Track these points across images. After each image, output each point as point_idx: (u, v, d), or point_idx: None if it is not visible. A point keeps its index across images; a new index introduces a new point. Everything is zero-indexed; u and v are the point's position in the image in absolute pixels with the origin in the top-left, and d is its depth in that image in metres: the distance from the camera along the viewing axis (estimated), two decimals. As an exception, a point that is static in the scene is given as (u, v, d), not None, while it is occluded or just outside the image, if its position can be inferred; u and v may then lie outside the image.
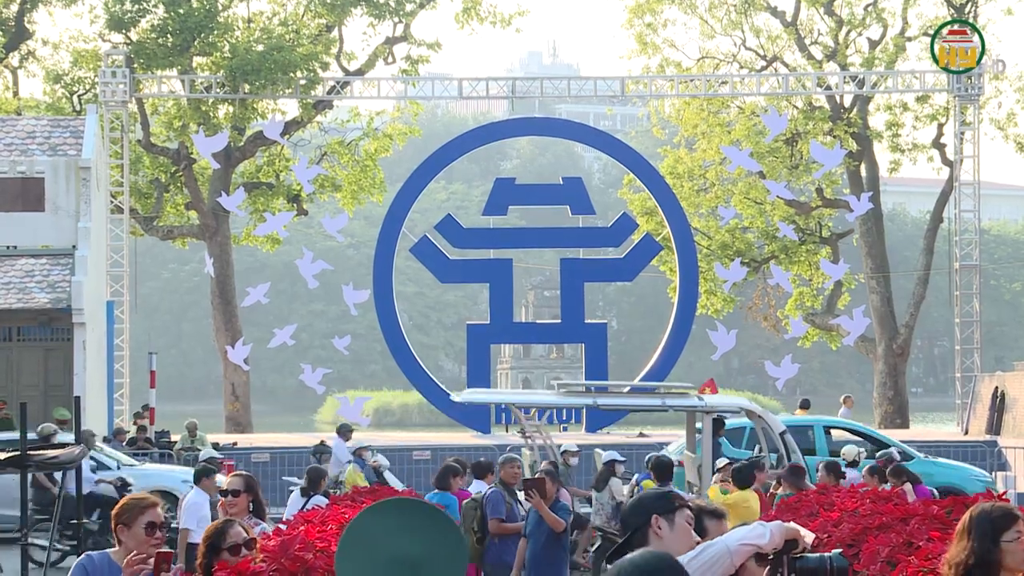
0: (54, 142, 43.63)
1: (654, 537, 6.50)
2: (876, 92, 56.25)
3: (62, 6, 55.27)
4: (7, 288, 40.58)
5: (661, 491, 6.75)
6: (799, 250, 56.31)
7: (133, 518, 8.92)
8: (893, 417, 55.15)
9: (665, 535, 6.51)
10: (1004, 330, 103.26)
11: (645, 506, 6.60)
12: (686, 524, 6.59)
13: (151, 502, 9.03)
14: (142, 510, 8.94)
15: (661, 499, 6.65)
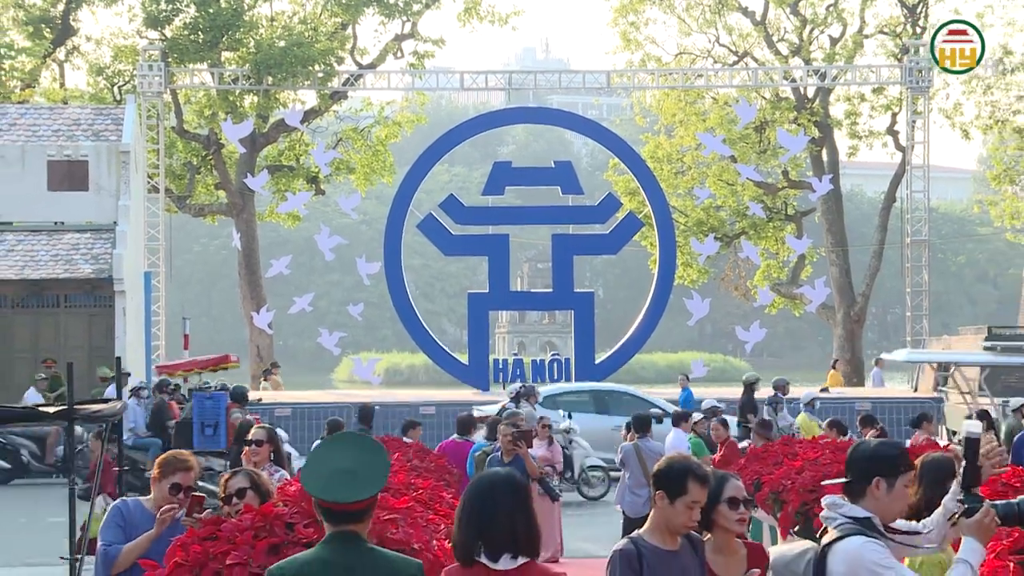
0: (97, 129, 43.60)
1: (871, 495, 6.33)
2: (836, 84, 56.22)
3: (104, 5, 55.18)
4: (55, 260, 40.57)
5: (891, 451, 6.43)
6: (767, 227, 56.33)
7: (165, 475, 8.89)
8: (850, 377, 55.17)
9: (882, 498, 6.35)
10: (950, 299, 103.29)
11: (873, 465, 6.38)
12: (904, 488, 6.40)
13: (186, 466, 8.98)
14: (173, 470, 8.90)
15: (890, 461, 6.40)
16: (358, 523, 6.21)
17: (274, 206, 54.13)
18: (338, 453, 6.20)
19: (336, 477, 6.09)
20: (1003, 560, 9.44)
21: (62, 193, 41.78)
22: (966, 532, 6.23)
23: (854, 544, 6.08)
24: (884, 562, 6.06)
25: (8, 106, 46.83)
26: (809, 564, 6.15)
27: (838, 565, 6.05)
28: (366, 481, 6.11)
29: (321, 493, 6.11)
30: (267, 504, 8.63)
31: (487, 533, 6.67)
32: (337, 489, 6.07)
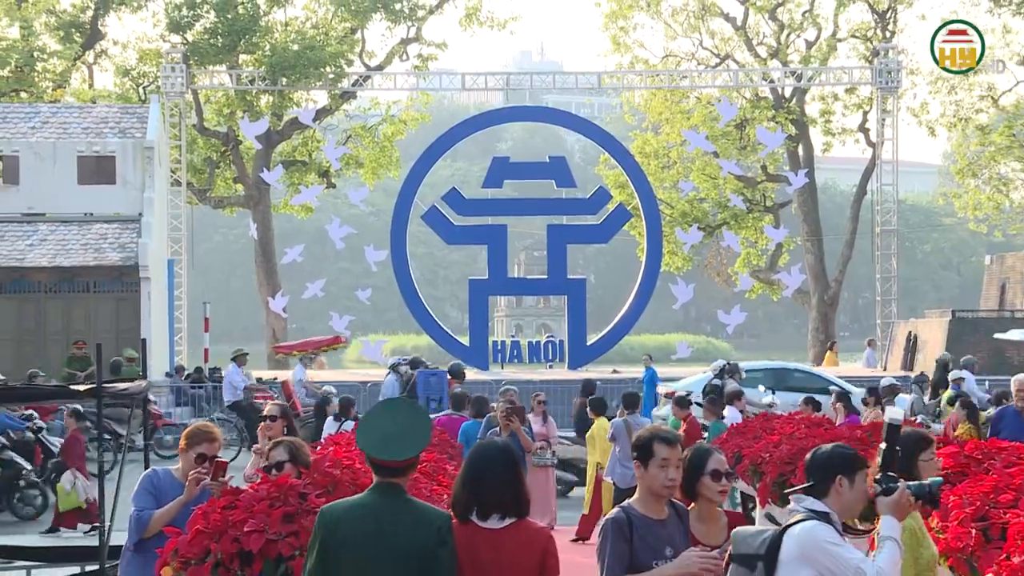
0: (123, 126, 43.57)
1: (835, 493, 6.34)
2: (811, 85, 56.26)
3: (129, 11, 55.14)
4: (85, 248, 40.57)
5: (848, 451, 6.47)
6: (747, 218, 56.36)
7: (191, 445, 8.91)
8: (823, 356, 55.23)
9: (845, 493, 6.36)
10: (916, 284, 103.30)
11: (832, 464, 6.40)
12: (863, 484, 6.41)
13: (210, 437, 8.99)
14: (199, 441, 8.92)
15: (848, 460, 6.42)
16: (400, 476, 6.76)
17: (288, 198, 54.12)
18: (388, 417, 6.83)
19: (383, 438, 6.70)
20: (966, 527, 9.47)
21: (91, 187, 41.76)
22: (884, 510, 6.32)
23: (807, 526, 6.16)
24: (834, 539, 6.14)
25: (41, 106, 46.81)
26: (765, 541, 6.16)
27: (791, 543, 6.11)
28: (408, 443, 6.71)
29: (369, 451, 6.73)
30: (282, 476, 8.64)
31: (479, 496, 6.97)
32: (383, 448, 6.69)
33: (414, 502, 6.84)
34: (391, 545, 6.63)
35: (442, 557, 6.68)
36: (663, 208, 50.76)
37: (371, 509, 6.70)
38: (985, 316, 47.04)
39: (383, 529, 6.63)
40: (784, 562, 6.08)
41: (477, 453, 7.23)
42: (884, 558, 6.15)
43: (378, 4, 53.98)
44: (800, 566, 6.06)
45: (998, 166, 61.12)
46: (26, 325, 40.06)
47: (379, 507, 6.69)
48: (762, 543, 6.15)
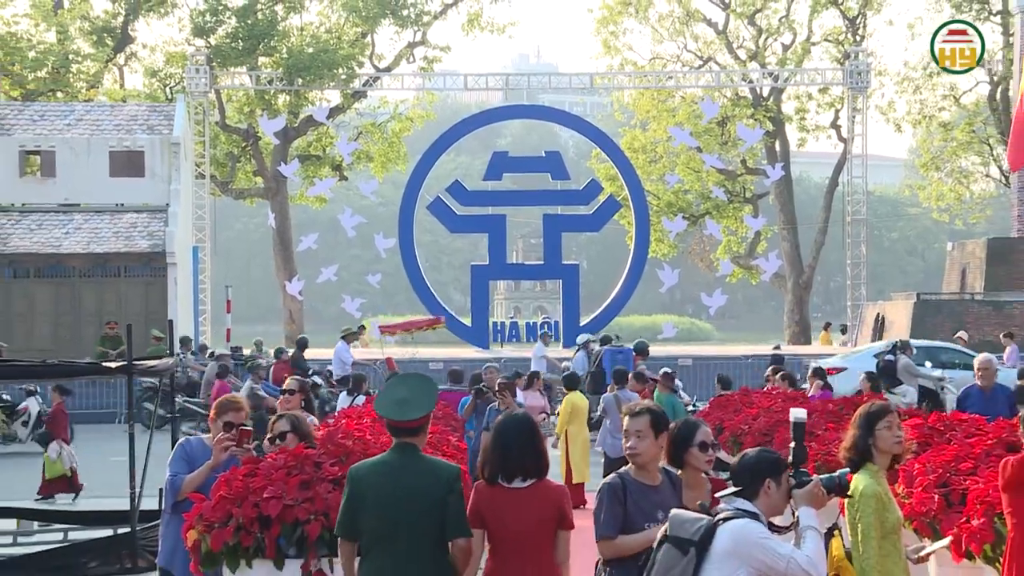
0: (152, 123, 43.53)
1: (763, 495, 6.30)
2: (787, 85, 56.23)
3: (157, 17, 55.10)
4: (117, 236, 40.58)
5: (773, 456, 6.46)
6: (728, 208, 56.34)
7: (219, 415, 8.93)
8: (799, 336, 55.30)
9: (772, 494, 6.33)
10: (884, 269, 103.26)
11: (761, 469, 6.35)
12: (787, 485, 6.39)
13: (236, 406, 9.02)
14: (226, 411, 8.94)
15: (776, 463, 6.40)
16: (414, 436, 7.22)
17: (304, 190, 54.12)
18: (401, 386, 7.36)
19: (396, 403, 7.21)
20: (929, 493, 9.49)
21: (122, 179, 41.76)
22: (800, 502, 6.33)
23: (741, 523, 6.13)
24: (765, 534, 6.13)
25: (75, 105, 46.77)
26: (700, 530, 6.14)
27: (724, 538, 6.07)
28: (416, 406, 7.20)
29: (384, 413, 7.26)
30: (298, 446, 8.65)
31: (505, 462, 7.33)
32: (395, 411, 7.19)
33: (426, 458, 7.32)
34: (407, 495, 7.06)
35: (450, 503, 7.08)
36: (650, 199, 50.74)
37: (390, 465, 7.16)
38: (947, 299, 47.06)
39: (400, 482, 7.08)
40: (716, 553, 6.05)
41: (503, 424, 7.55)
42: (810, 545, 6.16)
43: (387, 10, 53.93)
44: (731, 560, 6.04)
45: (959, 160, 61.18)
46: (62, 307, 40.09)
47: (397, 463, 7.15)
48: (697, 531, 6.12)
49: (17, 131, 42.29)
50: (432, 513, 7.05)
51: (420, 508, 7.05)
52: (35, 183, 41.73)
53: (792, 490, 6.37)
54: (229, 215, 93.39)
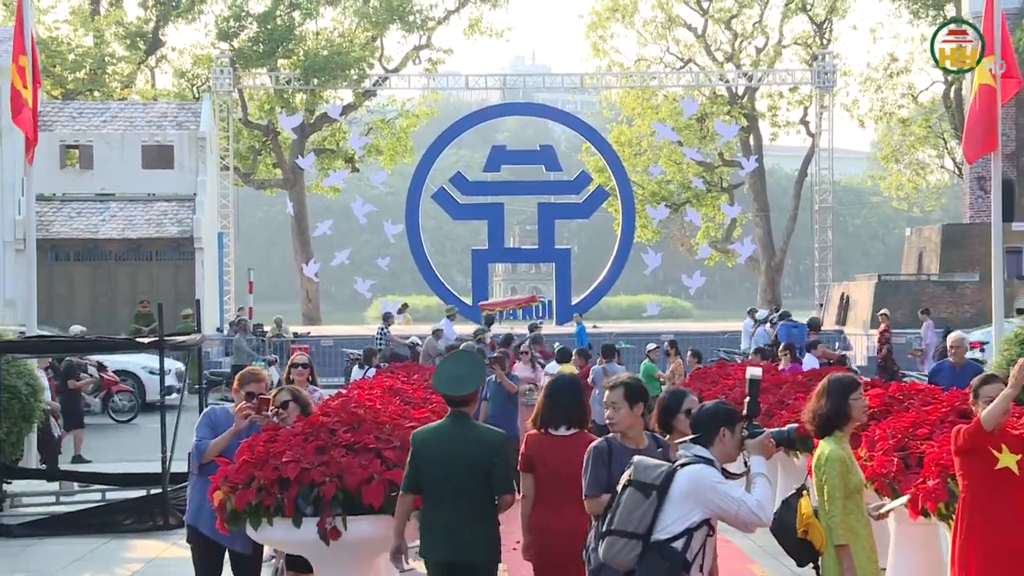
0: (180, 120, 43.48)
1: (719, 443, 6.34)
2: (760, 84, 56.19)
3: (185, 23, 55.01)
4: (148, 223, 40.57)
5: (728, 407, 6.51)
6: (706, 197, 56.31)
7: (241, 386, 8.93)
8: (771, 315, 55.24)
9: (727, 442, 6.36)
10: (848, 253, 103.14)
11: (717, 419, 6.39)
12: (740, 434, 6.43)
13: (257, 378, 9.02)
14: (248, 382, 8.95)
15: (730, 414, 6.44)
16: (465, 407, 7.67)
17: (319, 181, 54.12)
18: (453, 364, 7.80)
19: (450, 379, 7.65)
20: (889, 456, 9.50)
21: (153, 171, 41.74)
22: (752, 451, 6.37)
23: (697, 468, 6.15)
24: (719, 479, 6.15)
25: (111, 103, 46.75)
26: (661, 475, 6.17)
27: (682, 481, 6.11)
28: (465, 382, 7.63)
29: (440, 388, 7.72)
30: (314, 415, 8.67)
31: (552, 412, 7.80)
32: (449, 386, 7.63)
33: (476, 425, 7.80)
34: (460, 456, 7.46)
35: (496, 464, 7.45)
36: (635, 189, 50.71)
37: (445, 431, 7.59)
38: (905, 280, 47.16)
39: (454, 445, 7.48)
40: (674, 496, 6.08)
41: (555, 382, 8.07)
42: (759, 490, 6.19)
43: (395, 16, 53.91)
44: (688, 501, 6.07)
45: (917, 153, 61.26)
46: (99, 288, 40.12)
47: (451, 429, 7.57)
48: (658, 476, 6.15)
49: (58, 127, 42.26)
50: (480, 472, 7.43)
51: (470, 467, 7.42)
52: (74, 175, 41.72)
53: (745, 440, 6.40)
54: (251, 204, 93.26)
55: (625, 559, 6.13)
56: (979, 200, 47.48)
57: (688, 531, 6.06)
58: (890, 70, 59.41)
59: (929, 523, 9.01)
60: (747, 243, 48.75)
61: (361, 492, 7.67)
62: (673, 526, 6.07)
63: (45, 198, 40.22)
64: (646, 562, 6.07)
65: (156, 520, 14.30)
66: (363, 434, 8.07)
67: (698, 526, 6.08)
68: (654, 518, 6.09)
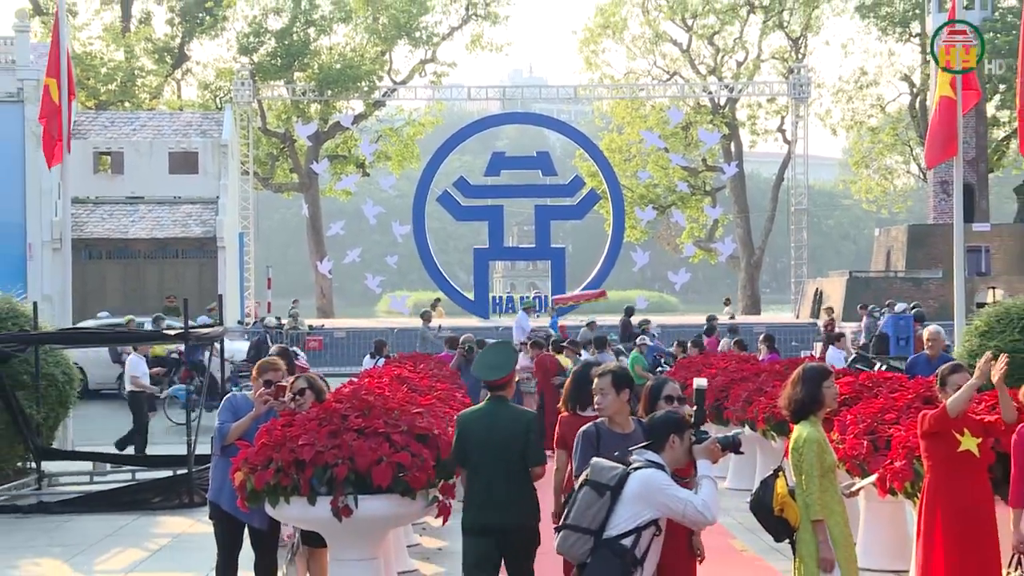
0: (204, 128, 43.49)
1: (669, 449, 6.37)
2: (741, 95, 56.19)
3: (209, 39, 55.01)
4: (175, 223, 40.57)
5: (678, 416, 6.57)
6: (691, 199, 56.36)
7: (260, 374, 8.93)
8: (750, 308, 55.34)
9: (676, 448, 6.39)
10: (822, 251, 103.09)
11: (667, 427, 6.43)
12: (689, 441, 6.46)
13: (274, 367, 9.02)
14: (266, 371, 8.95)
15: (678, 423, 6.48)
16: (502, 390, 7.92)
17: (332, 184, 54.10)
18: (491, 354, 8.12)
19: (488, 366, 7.96)
20: (859, 439, 9.51)
21: (179, 176, 41.74)
22: (700, 456, 6.39)
23: (648, 472, 6.17)
24: (668, 482, 6.17)
25: (140, 113, 46.76)
26: (615, 476, 6.18)
27: (635, 483, 6.12)
28: (500, 369, 7.92)
29: (481, 375, 7.99)
30: (328, 402, 8.67)
31: (579, 394, 8.21)
32: (488, 373, 7.91)
33: (512, 406, 8.04)
34: (499, 433, 7.73)
35: (530, 440, 7.72)
36: (625, 192, 50.72)
37: (486, 412, 7.87)
38: (874, 276, 47.18)
39: (493, 424, 7.78)
40: (627, 496, 6.10)
41: (580, 370, 8.46)
42: (706, 492, 6.21)
43: (402, 32, 53.91)
44: (639, 502, 6.09)
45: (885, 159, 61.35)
46: (129, 284, 40.13)
47: (490, 411, 7.86)
48: (613, 477, 6.17)
49: (91, 135, 42.25)
50: (516, 446, 7.69)
51: (508, 443, 7.69)
52: (106, 179, 41.71)
53: (693, 446, 6.43)
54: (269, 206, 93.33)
55: (578, 552, 6.14)
56: (942, 203, 47.47)
57: (637, 529, 6.08)
58: (860, 82, 59.48)
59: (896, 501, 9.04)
60: (728, 242, 48.80)
61: (371, 473, 7.68)
62: (624, 524, 6.08)
63: (79, 201, 40.23)
64: (597, 556, 6.09)
65: (182, 498, 14.33)
66: (373, 419, 8.07)
67: (647, 525, 6.10)
68: (607, 516, 6.11)
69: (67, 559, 11.72)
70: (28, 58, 38.49)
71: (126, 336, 20.29)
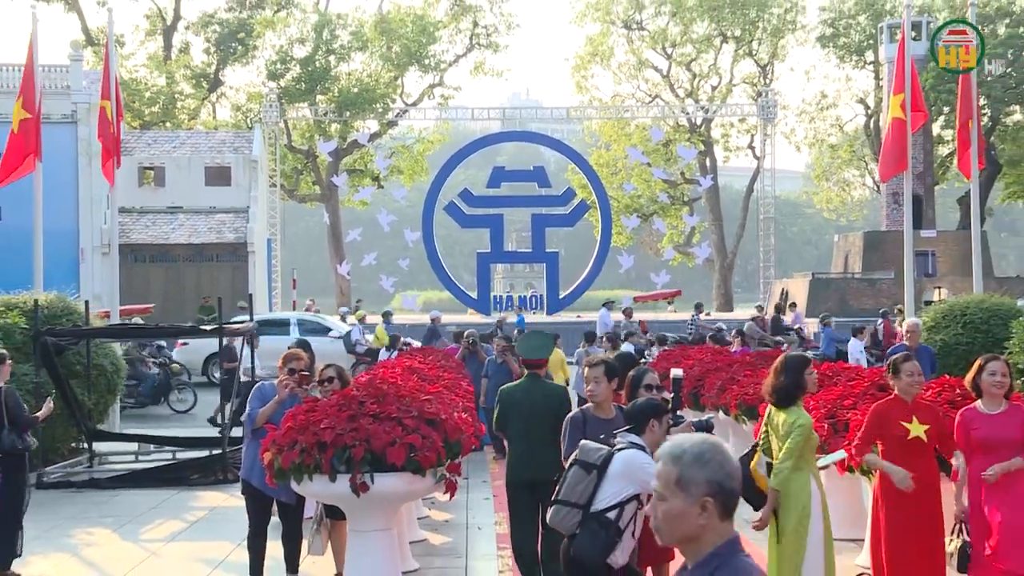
0: (236, 146, 43.49)
1: (649, 432, 6.38)
2: (715, 116, 56.18)
3: (240, 66, 55.10)
4: (210, 230, 40.56)
5: (657, 403, 6.55)
6: (670, 208, 56.41)
7: (285, 364, 8.95)
8: (724, 306, 55.38)
9: (656, 431, 6.40)
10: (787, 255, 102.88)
11: (647, 412, 6.44)
12: (667, 425, 6.49)
13: (298, 357, 9.04)
14: (289, 360, 8.97)
15: (658, 408, 6.49)
16: (539, 369, 8.59)
17: (350, 195, 54.11)
18: (532, 339, 8.71)
19: (530, 348, 8.56)
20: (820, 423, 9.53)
21: (214, 188, 41.76)
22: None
23: (630, 452, 6.18)
24: (649, 461, 6.15)
25: (180, 131, 46.75)
26: (601, 456, 6.21)
27: (618, 463, 6.13)
28: (542, 351, 8.57)
29: (524, 355, 8.60)
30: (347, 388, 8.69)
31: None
32: (531, 353, 8.53)
33: (546, 382, 8.72)
34: (535, 405, 8.29)
35: (562, 413, 7.84)
36: (612, 202, 50.73)
37: (524, 387, 8.49)
38: (834, 277, 47.18)
39: (531, 397, 8.36)
40: (611, 474, 6.12)
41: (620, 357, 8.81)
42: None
43: (413, 60, 53.92)
44: (622, 479, 6.10)
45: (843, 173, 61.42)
46: (170, 285, 40.13)
47: (528, 386, 8.46)
48: (599, 457, 6.19)
49: (136, 152, 42.26)
50: (549, 417, 8.10)
51: (541, 412, 8.17)
52: (149, 191, 41.72)
53: (670, 429, 6.45)
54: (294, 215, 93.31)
55: (568, 524, 6.15)
56: (894, 212, 47.49)
57: (621, 504, 6.08)
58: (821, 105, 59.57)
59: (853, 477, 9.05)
60: (704, 247, 48.74)
61: (386, 453, 7.69)
62: (609, 499, 6.09)
63: (125, 210, 40.25)
64: (585, 528, 6.10)
65: (217, 475, 14.35)
66: (387, 405, 8.08)
67: (629, 500, 6.11)
68: (593, 492, 6.12)
69: (116, 528, 11.75)
70: (81, 84, 38.51)
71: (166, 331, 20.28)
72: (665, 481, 3.04)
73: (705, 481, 3.01)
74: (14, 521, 9.51)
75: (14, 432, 9.54)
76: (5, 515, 9.48)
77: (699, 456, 3.05)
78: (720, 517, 3.02)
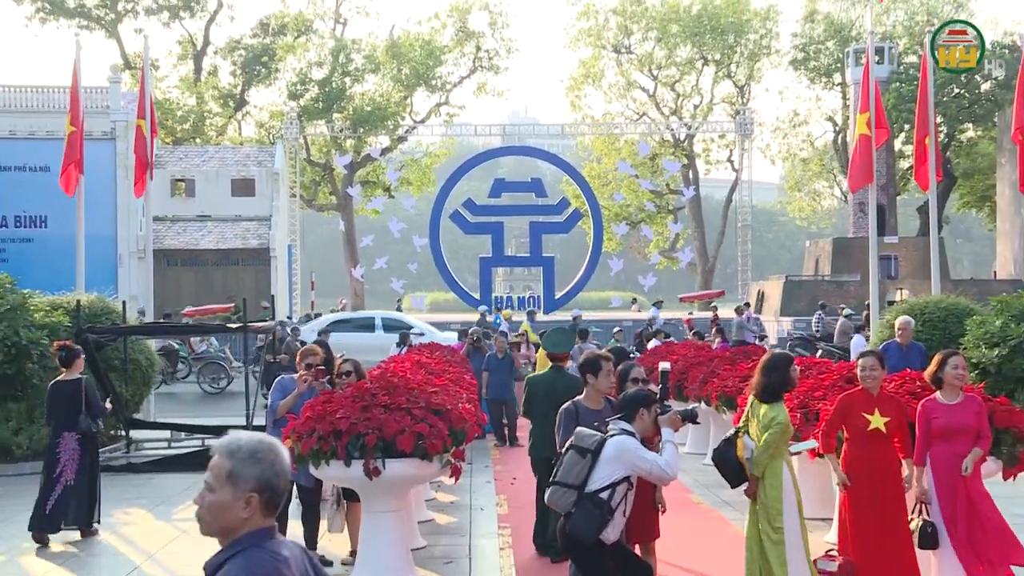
0: (260, 160, 43.48)
1: (639, 420, 6.38)
2: (697, 132, 56.20)
3: (264, 87, 55.12)
4: (236, 237, 40.55)
5: (646, 393, 6.52)
6: (656, 217, 56.42)
7: (302, 359, 8.96)
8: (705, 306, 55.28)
9: (645, 419, 6.41)
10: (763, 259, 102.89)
11: (637, 402, 6.43)
12: (654, 415, 6.46)
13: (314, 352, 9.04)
14: (305, 355, 8.97)
15: (647, 398, 6.47)
16: (562, 362, 8.97)
17: (364, 205, 54.09)
18: (556, 335, 9.04)
19: (554, 342, 8.93)
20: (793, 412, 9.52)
21: (240, 198, 41.75)
22: (663, 425, 6.42)
23: (621, 438, 6.20)
24: (638, 446, 6.19)
25: (209, 147, 46.76)
26: (595, 442, 6.22)
27: (611, 448, 6.15)
28: (564, 345, 8.93)
29: (549, 349, 8.91)
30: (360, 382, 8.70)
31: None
32: (555, 347, 8.89)
33: (567, 373, 8.98)
34: (557, 394, 8.41)
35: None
36: (603, 211, 50.74)
37: (549, 377, 8.88)
38: (806, 280, 47.18)
39: (554, 386, 8.67)
40: (604, 458, 6.14)
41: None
42: (668, 454, 6.24)
43: (421, 81, 53.96)
44: (614, 463, 6.12)
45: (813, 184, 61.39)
46: (199, 287, 40.12)
47: (552, 376, 8.84)
48: (593, 442, 6.22)
49: (169, 165, 42.26)
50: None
51: (561, 399, 7.94)
52: (180, 201, 41.73)
53: (659, 416, 6.45)
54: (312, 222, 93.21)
55: (564, 503, 6.16)
56: (860, 220, 47.49)
57: (613, 485, 6.09)
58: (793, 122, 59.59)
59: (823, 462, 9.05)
60: (687, 252, 48.79)
61: (396, 440, 7.70)
62: (602, 480, 6.11)
63: (159, 219, 40.24)
64: (580, 507, 6.10)
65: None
66: (397, 397, 8.09)
67: (620, 481, 6.12)
68: (588, 474, 6.13)
69: (151, 509, 11.76)
70: (119, 104, 38.54)
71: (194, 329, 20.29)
72: (217, 473, 2.89)
73: (255, 478, 2.86)
74: (91, 491, 10.20)
75: (90, 417, 10.06)
76: (83, 487, 10.13)
77: (253, 453, 2.88)
78: (263, 513, 2.87)
